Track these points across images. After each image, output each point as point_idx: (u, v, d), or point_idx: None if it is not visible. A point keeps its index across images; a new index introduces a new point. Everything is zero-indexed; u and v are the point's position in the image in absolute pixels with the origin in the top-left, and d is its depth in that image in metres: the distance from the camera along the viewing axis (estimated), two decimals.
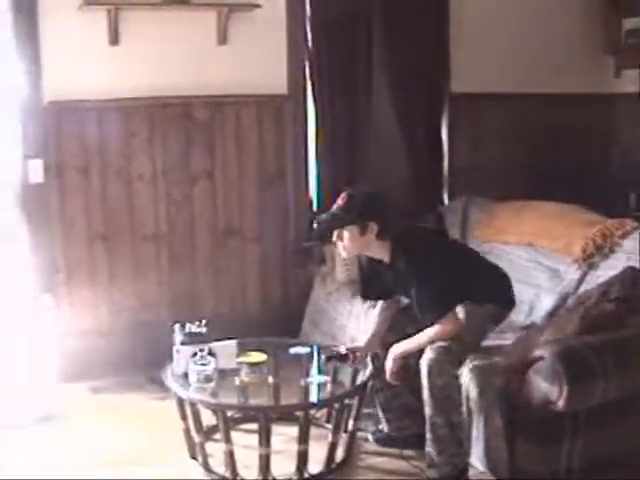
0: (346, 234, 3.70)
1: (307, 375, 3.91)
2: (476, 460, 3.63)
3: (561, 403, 3.30)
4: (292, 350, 4.11)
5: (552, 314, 4.20)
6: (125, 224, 5.13)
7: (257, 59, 5.26)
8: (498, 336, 4.12)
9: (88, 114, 4.98)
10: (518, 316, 4.40)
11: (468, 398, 3.62)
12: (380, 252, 3.76)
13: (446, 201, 5.79)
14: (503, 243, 4.77)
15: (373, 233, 3.67)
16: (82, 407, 4.68)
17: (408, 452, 3.94)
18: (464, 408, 3.62)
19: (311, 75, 5.39)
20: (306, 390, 3.85)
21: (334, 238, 3.76)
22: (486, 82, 5.60)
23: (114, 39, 4.96)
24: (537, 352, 3.44)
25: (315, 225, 3.97)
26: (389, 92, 5.64)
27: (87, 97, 4.91)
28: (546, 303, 4.35)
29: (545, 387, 3.35)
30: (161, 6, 4.98)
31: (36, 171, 4.91)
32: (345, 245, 3.74)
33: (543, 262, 4.50)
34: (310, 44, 5.38)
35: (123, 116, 5.05)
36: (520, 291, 4.45)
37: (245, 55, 5.23)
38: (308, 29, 5.39)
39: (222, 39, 5.17)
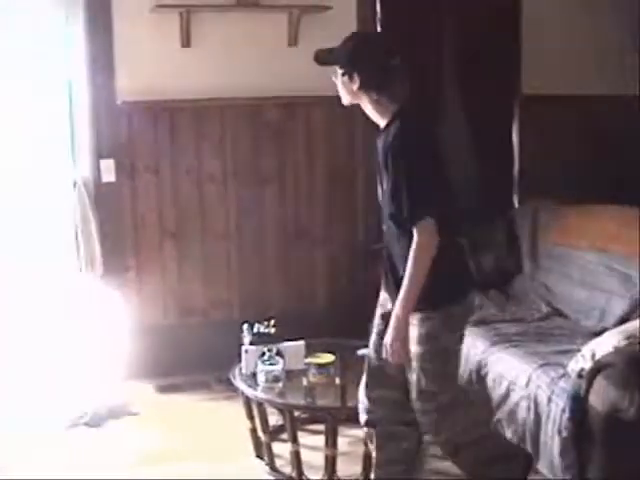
0: (338, 76, 3.33)
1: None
2: (543, 468, 3.58)
3: (631, 411, 3.25)
4: (360, 351, 4.10)
5: (624, 320, 4.12)
6: (195, 223, 5.19)
7: None
8: (569, 340, 4.07)
9: (160, 114, 5.05)
10: (589, 321, 4.34)
11: (536, 403, 3.59)
12: (372, 112, 3.30)
13: (516, 204, 5.74)
14: (574, 248, 4.70)
15: (355, 84, 3.26)
16: (148, 405, 4.75)
17: None
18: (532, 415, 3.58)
19: None
20: None
21: (333, 78, 3.37)
22: (558, 83, 5.52)
23: (186, 41, 5.02)
24: (606, 358, 3.39)
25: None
26: (460, 92, 5.60)
27: (159, 98, 4.98)
28: (618, 309, 4.26)
29: (615, 394, 3.29)
30: (232, 8, 5.03)
31: (109, 170, 5.00)
32: (339, 88, 3.37)
33: (615, 267, 4.42)
34: None
35: (194, 117, 5.10)
36: (591, 296, 4.40)
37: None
38: (379, 30, 5.37)
39: (293, 40, 5.19)
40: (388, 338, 3.14)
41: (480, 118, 5.60)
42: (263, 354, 3.83)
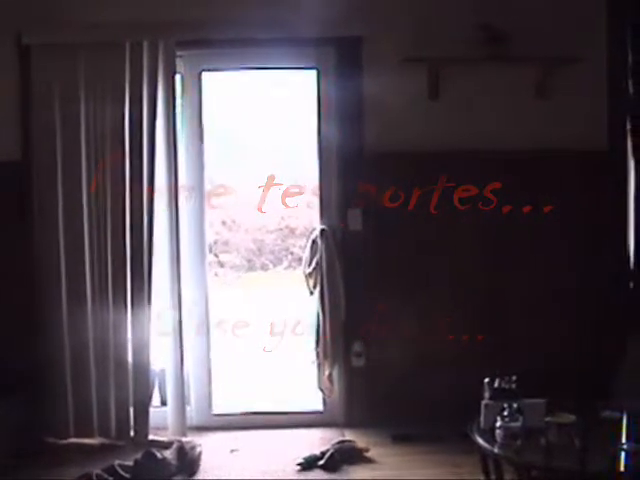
0: None
1: (618, 441, 3.74)
2: None
3: None
4: (604, 413, 3.96)
5: None
6: (443, 273, 5.21)
7: (576, 113, 5.17)
8: None
9: (406, 165, 5.12)
10: None
11: None
12: None
13: None
14: None
15: None
16: (383, 454, 4.77)
17: None
18: None
19: (633, 130, 5.19)
20: (615, 457, 3.69)
21: None
22: None
23: (434, 93, 5.08)
24: None
25: None
26: None
27: (406, 148, 5.05)
28: None
29: None
30: (481, 60, 5.04)
31: (356, 219, 5.13)
32: None
33: None
34: (632, 97, 5.19)
35: (440, 167, 5.12)
36: None
37: (563, 109, 5.16)
38: (630, 83, 5.21)
39: (541, 93, 5.15)
40: None
41: None
42: (503, 410, 3.77)
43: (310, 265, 5.18)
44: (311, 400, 5.45)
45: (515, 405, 3.78)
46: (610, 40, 5.21)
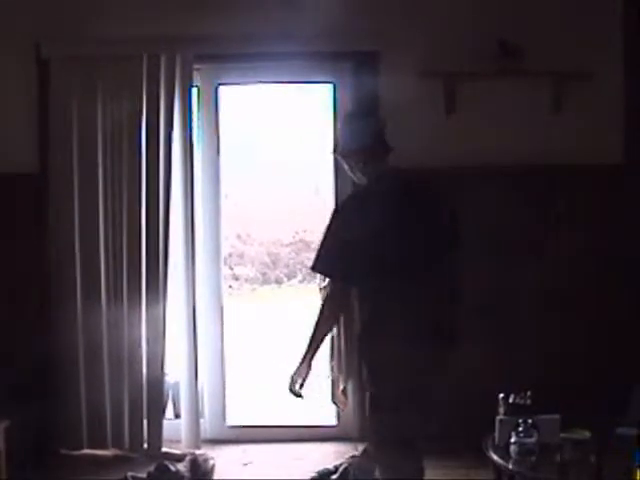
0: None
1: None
2: None
3: None
4: (619, 430, 3.94)
5: None
6: None
7: (592, 127, 5.15)
8: None
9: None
10: None
11: None
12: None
13: None
14: None
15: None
16: None
17: None
18: None
19: None
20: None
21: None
22: None
23: (451, 107, 5.09)
24: None
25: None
26: None
27: (423, 162, 5.04)
28: None
29: None
30: (497, 75, 5.04)
31: None
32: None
33: None
34: None
35: (457, 182, 5.11)
36: None
37: (580, 123, 5.15)
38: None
39: (556, 107, 5.14)
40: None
41: None
42: (517, 425, 3.76)
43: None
44: (325, 414, 5.45)
45: (530, 421, 3.78)
46: (626, 53, 5.20)
